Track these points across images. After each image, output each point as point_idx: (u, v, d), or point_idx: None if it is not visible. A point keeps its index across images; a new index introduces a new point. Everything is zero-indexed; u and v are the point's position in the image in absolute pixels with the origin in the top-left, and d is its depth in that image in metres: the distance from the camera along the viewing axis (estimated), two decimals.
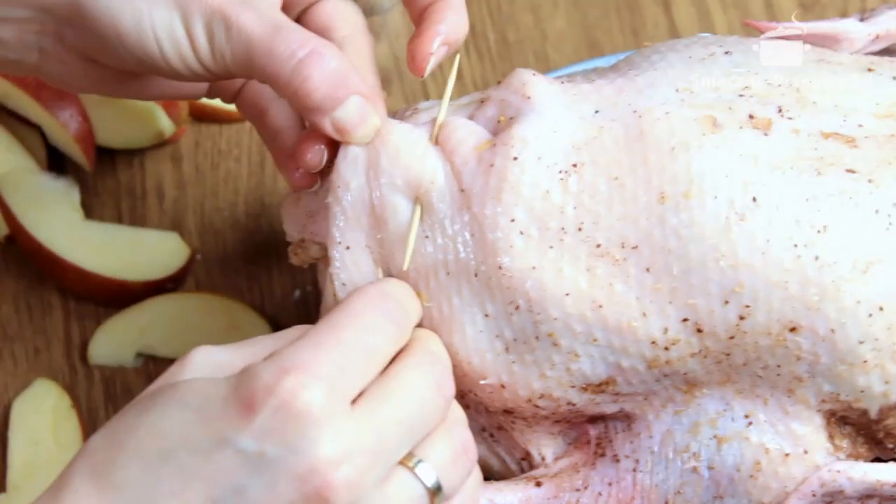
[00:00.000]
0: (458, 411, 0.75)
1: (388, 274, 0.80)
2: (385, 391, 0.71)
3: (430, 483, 0.72)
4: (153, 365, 1.04)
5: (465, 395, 0.82)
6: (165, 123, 1.05)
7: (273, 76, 0.77)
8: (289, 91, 0.78)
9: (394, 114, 0.84)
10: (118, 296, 1.03)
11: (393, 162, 0.80)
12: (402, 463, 0.71)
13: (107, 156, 1.09)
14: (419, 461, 0.71)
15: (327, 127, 0.78)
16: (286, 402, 0.68)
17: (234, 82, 0.88)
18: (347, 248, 0.80)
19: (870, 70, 0.84)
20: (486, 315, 0.79)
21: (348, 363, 0.71)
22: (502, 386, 0.80)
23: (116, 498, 0.68)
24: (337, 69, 0.78)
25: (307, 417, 0.68)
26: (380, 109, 0.80)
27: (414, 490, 0.71)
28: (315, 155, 0.80)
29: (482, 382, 0.80)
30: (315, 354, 0.70)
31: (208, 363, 0.73)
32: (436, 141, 0.81)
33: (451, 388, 0.74)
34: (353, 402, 0.70)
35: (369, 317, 0.73)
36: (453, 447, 0.73)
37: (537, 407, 0.81)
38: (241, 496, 0.68)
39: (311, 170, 0.81)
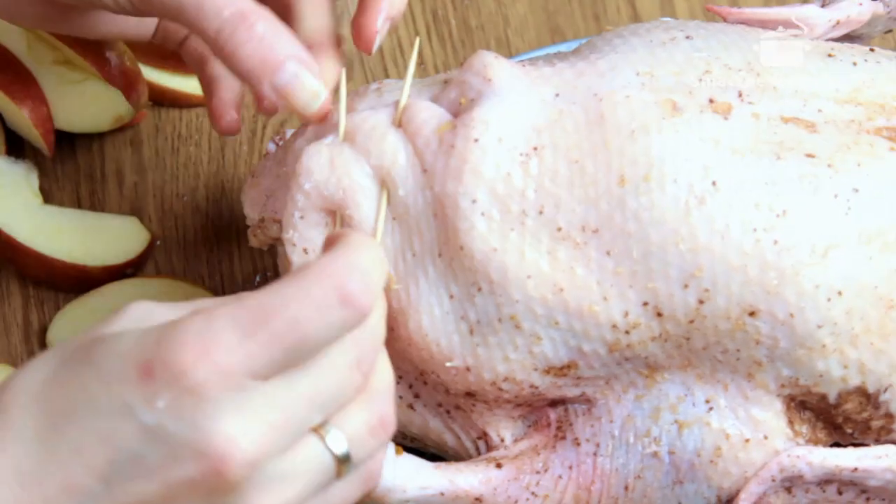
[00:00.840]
0: (383, 382, 0.72)
1: None
2: (301, 370, 0.68)
3: (339, 452, 0.69)
4: None
5: (426, 374, 0.82)
6: (125, 107, 1.04)
7: (200, 31, 0.77)
8: (221, 55, 0.78)
9: (358, 91, 0.85)
10: (77, 281, 1.02)
11: (356, 144, 0.80)
12: (313, 429, 0.69)
13: (66, 140, 1.08)
14: (331, 428, 0.69)
15: (267, 92, 0.78)
16: (181, 379, 0.66)
17: (181, 30, 0.88)
18: (302, 217, 0.80)
19: (830, 56, 0.84)
20: (451, 297, 0.79)
21: (262, 351, 0.67)
22: (468, 369, 0.80)
23: (17, 444, 0.68)
24: (264, 35, 0.77)
25: (203, 394, 0.66)
26: (327, 68, 0.80)
27: (321, 458, 0.69)
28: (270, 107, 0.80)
29: (448, 365, 0.80)
30: (230, 337, 0.67)
31: (143, 319, 0.71)
32: (399, 123, 0.81)
33: (371, 365, 0.71)
34: (269, 377, 0.68)
35: (304, 311, 0.67)
36: (370, 420, 0.71)
37: (501, 390, 0.81)
38: (139, 464, 0.66)
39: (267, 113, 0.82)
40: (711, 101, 0.80)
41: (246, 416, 0.66)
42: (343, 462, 0.70)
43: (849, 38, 0.90)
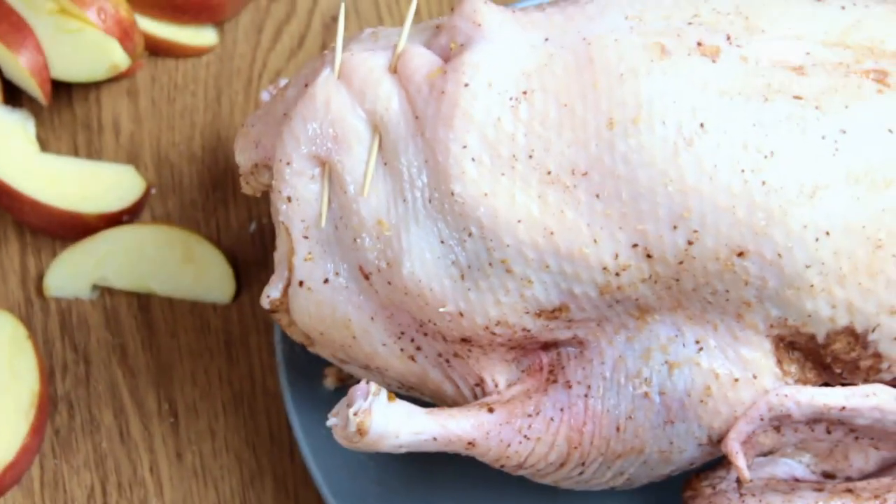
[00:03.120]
0: None
1: (346, 198, 0.80)
2: None
3: None
4: (109, 297, 1.04)
5: (424, 325, 0.82)
6: (121, 56, 1.05)
7: None
8: None
9: (355, 36, 0.85)
10: (73, 228, 1.03)
11: (352, 86, 0.80)
12: None
13: (63, 90, 1.08)
14: None
15: None
16: None
17: None
18: (289, 164, 0.81)
19: (820, 0, 0.85)
20: (442, 242, 0.80)
21: None
22: (461, 314, 0.81)
23: None
24: None
25: None
26: None
27: None
28: None
29: (441, 310, 0.81)
30: None
31: None
32: (394, 69, 0.81)
33: None
34: None
35: None
36: None
37: (494, 334, 0.82)
38: None
39: None
40: (700, 44, 0.80)
41: None
42: None
43: None
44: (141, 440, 1.01)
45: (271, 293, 0.84)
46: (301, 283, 0.83)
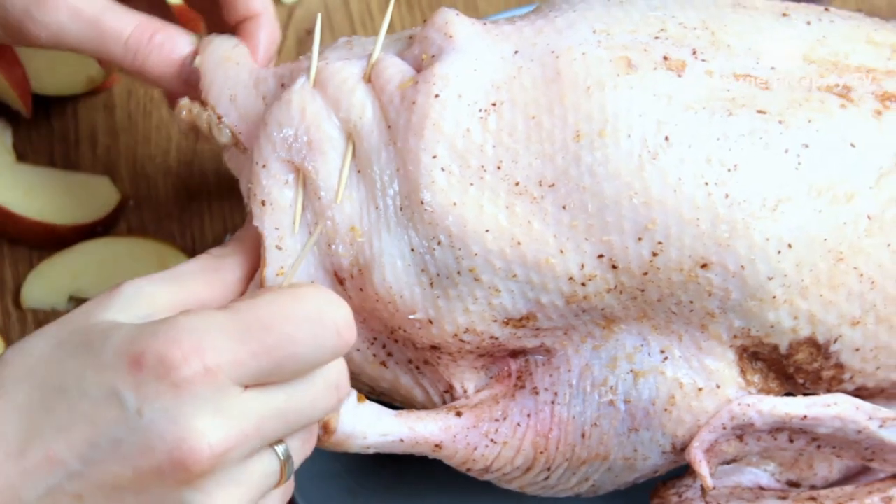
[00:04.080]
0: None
1: (321, 204, 0.81)
2: (281, 385, 0.73)
3: (283, 455, 0.75)
4: None
5: (395, 331, 0.84)
6: (96, 69, 1.06)
7: (110, 58, 0.90)
8: (133, 71, 0.90)
9: (330, 45, 0.87)
10: (49, 239, 1.04)
11: (327, 94, 0.82)
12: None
13: (41, 103, 1.09)
14: (285, 440, 0.75)
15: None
16: (169, 373, 0.70)
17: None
18: (264, 166, 0.82)
19: (784, 15, 0.86)
20: (412, 250, 0.81)
21: (249, 360, 0.72)
22: (430, 321, 0.82)
23: (7, 415, 0.71)
24: (163, 43, 0.89)
25: (188, 390, 0.70)
26: (264, 37, 0.88)
27: (273, 468, 0.74)
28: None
29: (411, 317, 0.82)
30: (218, 339, 0.71)
31: (136, 296, 0.76)
32: (368, 79, 0.82)
33: (347, 389, 0.77)
34: (250, 386, 0.72)
35: (301, 332, 0.73)
36: (304, 434, 0.77)
37: (462, 342, 0.83)
38: (116, 447, 0.70)
39: None
40: (666, 58, 0.81)
41: (222, 418, 0.71)
42: (283, 474, 0.75)
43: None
44: None
45: None
46: None
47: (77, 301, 1.05)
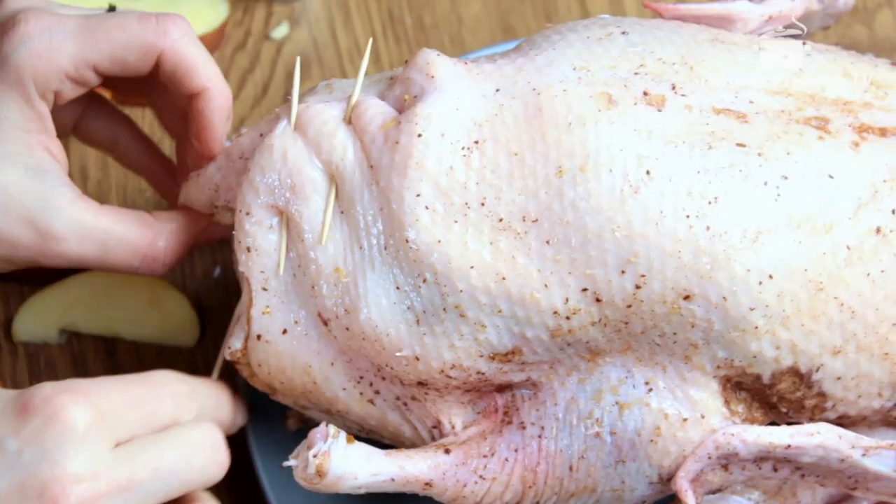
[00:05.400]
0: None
1: (304, 247, 0.82)
2: (153, 441, 0.79)
3: None
4: (76, 341, 1.06)
5: (382, 369, 0.84)
6: None
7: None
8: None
9: (310, 89, 0.87)
10: (40, 273, 1.05)
11: (308, 138, 0.83)
12: None
13: None
14: None
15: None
16: (55, 414, 0.75)
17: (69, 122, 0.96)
18: (248, 213, 0.83)
19: (762, 49, 0.87)
20: (398, 288, 0.82)
21: (127, 410, 0.78)
22: (416, 358, 0.83)
23: None
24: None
25: (70, 433, 0.75)
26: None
27: None
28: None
29: (398, 354, 0.83)
30: (101, 388, 0.78)
31: None
32: (349, 120, 0.83)
33: (226, 462, 0.83)
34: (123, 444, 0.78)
35: (163, 390, 0.82)
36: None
37: (449, 377, 0.84)
38: None
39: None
40: (646, 93, 0.82)
41: (95, 465, 0.75)
42: None
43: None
44: None
45: (233, 344, 0.86)
46: (259, 337, 0.85)
47: (68, 334, 1.05)
